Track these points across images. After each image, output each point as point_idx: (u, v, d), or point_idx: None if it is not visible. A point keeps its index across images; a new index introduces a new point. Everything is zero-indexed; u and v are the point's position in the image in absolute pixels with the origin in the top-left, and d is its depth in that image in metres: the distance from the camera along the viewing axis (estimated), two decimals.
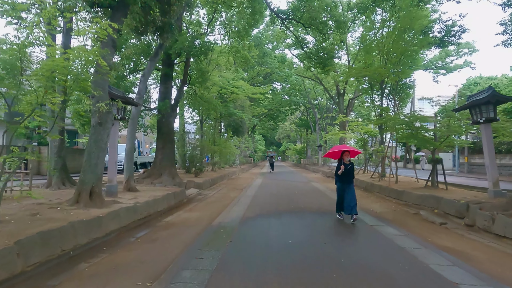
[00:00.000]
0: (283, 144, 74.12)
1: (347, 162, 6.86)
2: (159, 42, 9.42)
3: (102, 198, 6.40)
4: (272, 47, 34.56)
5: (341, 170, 6.72)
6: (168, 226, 6.31)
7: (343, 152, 6.92)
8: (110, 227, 5.49)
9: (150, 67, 9.32)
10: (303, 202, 9.46)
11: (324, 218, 7.15)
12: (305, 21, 15.06)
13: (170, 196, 8.65)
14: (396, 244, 5.03)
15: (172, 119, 13.54)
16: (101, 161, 6.36)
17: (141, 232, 5.77)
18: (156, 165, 13.22)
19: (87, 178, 6.18)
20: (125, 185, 8.88)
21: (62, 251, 4.23)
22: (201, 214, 7.61)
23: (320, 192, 12.34)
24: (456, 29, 12.04)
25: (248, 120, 26.21)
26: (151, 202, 7.30)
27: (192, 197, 10.72)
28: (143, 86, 8.98)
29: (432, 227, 6.44)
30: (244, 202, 9.37)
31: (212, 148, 19.23)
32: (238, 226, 6.18)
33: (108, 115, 6.46)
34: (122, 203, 6.69)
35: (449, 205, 7.23)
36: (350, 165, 6.87)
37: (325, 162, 33.23)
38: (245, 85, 20.83)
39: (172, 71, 13.68)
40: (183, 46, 11.60)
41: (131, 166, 8.99)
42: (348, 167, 6.82)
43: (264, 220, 6.80)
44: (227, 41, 16.43)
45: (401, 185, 11.60)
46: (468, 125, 8.32)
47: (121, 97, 7.15)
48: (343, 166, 6.73)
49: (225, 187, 13.94)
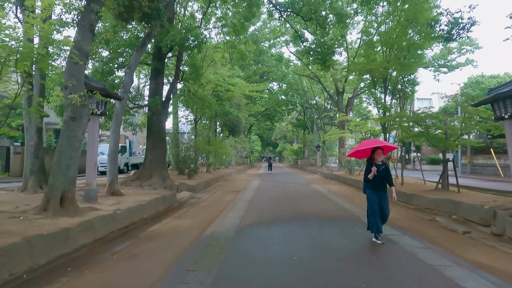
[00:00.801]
0: (280, 145, 73.36)
1: (379, 162, 5.26)
2: (148, 31, 8.54)
3: (76, 205, 5.52)
4: (269, 45, 33.78)
5: (372, 173, 5.09)
6: (152, 237, 5.45)
7: (374, 149, 5.29)
8: (81, 241, 4.62)
9: (137, 57, 8.44)
10: (305, 207, 8.63)
11: (331, 227, 6.32)
12: (304, 14, 14.27)
13: (158, 201, 7.78)
14: (421, 260, 4.22)
15: (164, 117, 12.65)
16: (75, 161, 5.48)
17: (120, 245, 4.90)
18: (146, 167, 12.33)
19: (57, 182, 5.30)
20: (108, 189, 8.00)
21: (10, 275, 3.35)
22: (192, 221, 6.75)
23: (322, 195, 11.52)
24: (465, 21, 11.29)
25: (244, 119, 25.36)
26: (134, 208, 6.43)
27: (184, 201, 9.85)
28: (128, 79, 8.10)
29: (455, 236, 5.65)
30: (240, 207, 8.53)
31: (207, 148, 18.35)
32: (234, 237, 5.34)
33: (83, 108, 5.58)
34: (101, 210, 5.81)
35: (471, 210, 6.45)
36: (383, 166, 5.26)
37: (323, 163, 32.50)
38: (241, 82, 19.98)
39: (163, 66, 12.80)
40: (175, 39, 10.74)
41: (115, 168, 8.11)
42: (381, 168, 5.20)
43: (263, 230, 5.96)
44: (222, 37, 15.63)
45: (408, 187, 10.85)
46: (491, 121, 7.55)
47: (100, 89, 6.27)
48: (375, 168, 5.11)
49: (220, 190, 13.08)
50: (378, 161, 5.25)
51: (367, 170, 5.29)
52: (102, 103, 6.84)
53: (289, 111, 41.68)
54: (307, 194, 11.66)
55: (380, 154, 5.27)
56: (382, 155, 5.31)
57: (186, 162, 15.13)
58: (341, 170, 22.41)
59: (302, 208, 8.43)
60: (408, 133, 10.50)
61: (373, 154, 5.28)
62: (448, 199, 7.43)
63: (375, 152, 5.25)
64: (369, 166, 5.26)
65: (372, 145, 5.31)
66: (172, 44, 11.17)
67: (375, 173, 5.08)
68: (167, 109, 13.13)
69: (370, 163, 5.28)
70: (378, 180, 5.16)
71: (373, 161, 5.25)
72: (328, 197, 11.04)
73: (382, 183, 5.22)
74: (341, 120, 20.36)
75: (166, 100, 12.91)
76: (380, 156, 5.28)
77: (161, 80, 12.69)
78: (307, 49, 15.41)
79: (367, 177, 5.18)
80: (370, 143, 5.56)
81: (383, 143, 5.47)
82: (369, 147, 5.33)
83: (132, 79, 8.54)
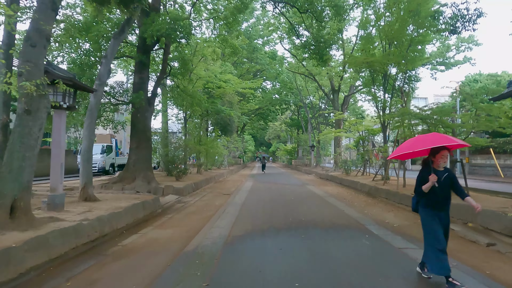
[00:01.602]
0: (273, 145, 72.59)
1: (441, 168, 3.53)
2: (127, 16, 7.61)
3: (31, 216, 4.59)
4: (263, 42, 32.95)
5: (430, 183, 3.39)
6: (123, 254, 4.54)
7: (435, 150, 3.50)
8: (30, 262, 3.70)
9: (114, 46, 7.50)
10: (303, 212, 7.80)
11: (335, 239, 5.46)
12: (300, 6, 13.47)
13: (137, 207, 6.86)
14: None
15: (149, 115, 11.70)
16: (29, 163, 4.55)
17: (80, 266, 3.99)
18: (129, 168, 11.37)
19: (6, 189, 4.36)
20: (81, 194, 7.05)
21: None
22: (174, 231, 5.86)
23: (320, 198, 10.72)
24: (471, 13, 10.61)
25: (237, 118, 24.48)
26: (106, 217, 5.51)
27: (169, 205, 8.93)
28: (104, 70, 7.16)
29: (479, 249, 4.88)
30: (231, 213, 7.66)
31: (197, 148, 17.41)
32: (221, 254, 4.47)
33: (40, 100, 4.65)
34: (64, 221, 4.89)
35: (491, 218, 5.69)
36: (446, 173, 3.52)
37: (318, 163, 31.83)
38: (234, 79, 19.08)
39: (148, 59, 11.84)
40: (160, 29, 9.82)
41: (89, 170, 7.17)
42: (444, 176, 3.48)
43: (256, 243, 5.10)
44: (214, 31, 14.73)
45: (411, 189, 10.09)
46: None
47: (65, 78, 5.33)
48: (434, 176, 3.39)
49: (210, 192, 12.18)
50: (440, 167, 3.52)
51: (421, 178, 3.56)
52: (71, 95, 5.91)
53: (283, 111, 40.96)
54: (303, 197, 10.85)
55: (446, 156, 3.53)
56: (447, 158, 3.57)
57: (174, 162, 14.18)
58: (337, 170, 21.72)
59: (300, 214, 7.59)
60: (412, 132, 9.77)
61: (433, 156, 3.54)
62: (462, 204, 6.67)
63: (439, 154, 3.49)
64: (425, 172, 3.54)
65: (432, 144, 3.44)
66: (157, 35, 10.27)
67: (434, 183, 3.38)
68: (153, 106, 12.19)
69: (426, 168, 3.57)
70: (439, 193, 3.46)
71: (430, 164, 3.54)
72: (326, 200, 10.25)
73: (445, 198, 3.53)
74: (338, 118, 19.64)
75: (152, 96, 11.97)
76: (445, 160, 3.52)
77: (146, 75, 11.73)
78: (303, 43, 14.61)
79: (421, 188, 3.50)
80: (432, 139, 3.55)
81: (452, 140, 3.59)
82: (426, 147, 3.47)
83: (109, 70, 7.61)
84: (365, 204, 9.49)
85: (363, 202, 9.88)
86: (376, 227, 6.30)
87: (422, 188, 3.49)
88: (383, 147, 13.15)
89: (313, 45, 13.79)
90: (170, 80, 14.66)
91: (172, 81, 14.56)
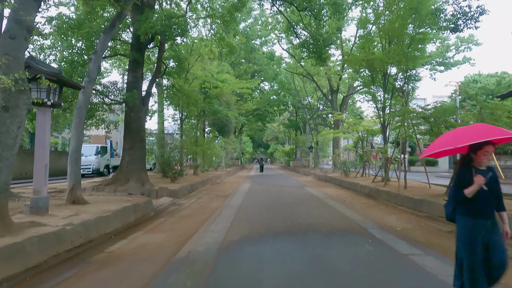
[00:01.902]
0: (271, 146, 72.33)
1: (483, 167, 2.74)
2: (118, 10, 7.29)
3: (8, 221, 4.24)
4: (260, 43, 32.71)
5: (476, 185, 2.58)
6: (108, 261, 4.20)
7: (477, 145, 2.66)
8: (2, 273, 3.35)
9: (104, 41, 7.17)
10: (302, 215, 7.48)
11: (337, 244, 5.13)
12: (298, 4, 13.19)
13: (127, 210, 6.52)
14: None
15: (143, 114, 11.36)
16: (6, 164, 4.21)
17: (60, 276, 3.64)
18: (122, 169, 11.02)
19: None
20: (69, 196, 6.70)
21: None
22: (166, 236, 5.52)
23: (319, 200, 10.41)
24: (474, 10, 10.38)
25: (234, 118, 24.14)
26: (93, 222, 5.17)
27: (163, 208, 8.59)
28: (94, 66, 6.83)
29: None
30: (227, 216, 7.33)
31: (194, 149, 17.07)
32: (214, 262, 4.13)
33: (19, 95, 4.32)
34: (46, 226, 4.54)
35: None
36: (490, 172, 2.69)
37: (316, 164, 31.56)
38: (231, 78, 18.77)
39: (142, 57, 11.52)
40: (154, 26, 9.52)
41: (77, 171, 6.82)
42: (489, 177, 2.64)
43: (253, 250, 4.77)
44: (210, 30, 14.45)
45: (413, 191, 9.85)
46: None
47: (48, 73, 5.00)
48: (481, 177, 2.59)
49: (206, 195, 11.83)
50: (483, 166, 2.73)
51: (461, 180, 2.75)
52: (56, 91, 5.57)
53: (281, 112, 40.66)
54: (302, 199, 10.53)
55: (490, 153, 2.72)
56: (491, 155, 2.77)
57: (169, 164, 13.83)
58: (336, 171, 21.43)
59: (299, 217, 7.27)
60: (413, 132, 9.48)
61: (474, 153, 2.72)
62: None
63: (482, 150, 2.67)
64: (464, 172, 2.75)
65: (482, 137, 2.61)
66: (151, 32, 9.96)
67: (482, 185, 2.59)
68: (147, 105, 11.86)
69: (466, 168, 2.77)
70: (484, 198, 2.64)
71: (470, 163, 2.77)
72: (326, 202, 9.93)
73: (490, 204, 2.69)
74: (336, 119, 19.37)
75: (146, 95, 11.64)
76: (489, 157, 2.73)
77: (140, 73, 11.41)
78: (302, 42, 14.34)
79: (463, 192, 2.65)
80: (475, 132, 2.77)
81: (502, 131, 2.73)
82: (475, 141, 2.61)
83: (99, 66, 7.27)
84: (366, 206, 9.19)
85: (363, 204, 9.59)
86: (379, 231, 5.99)
87: (464, 192, 2.63)
88: (383, 148, 12.87)
89: (312, 43, 13.52)
90: (166, 79, 14.33)
91: (168, 81, 14.23)
